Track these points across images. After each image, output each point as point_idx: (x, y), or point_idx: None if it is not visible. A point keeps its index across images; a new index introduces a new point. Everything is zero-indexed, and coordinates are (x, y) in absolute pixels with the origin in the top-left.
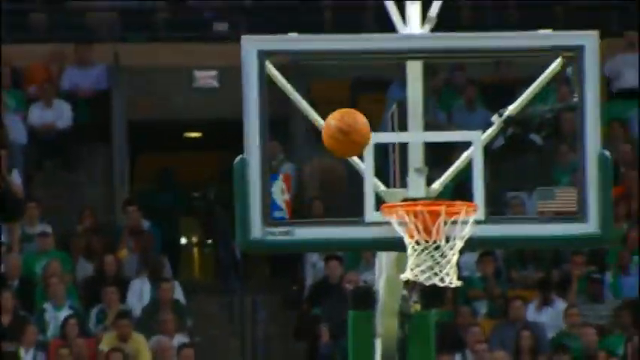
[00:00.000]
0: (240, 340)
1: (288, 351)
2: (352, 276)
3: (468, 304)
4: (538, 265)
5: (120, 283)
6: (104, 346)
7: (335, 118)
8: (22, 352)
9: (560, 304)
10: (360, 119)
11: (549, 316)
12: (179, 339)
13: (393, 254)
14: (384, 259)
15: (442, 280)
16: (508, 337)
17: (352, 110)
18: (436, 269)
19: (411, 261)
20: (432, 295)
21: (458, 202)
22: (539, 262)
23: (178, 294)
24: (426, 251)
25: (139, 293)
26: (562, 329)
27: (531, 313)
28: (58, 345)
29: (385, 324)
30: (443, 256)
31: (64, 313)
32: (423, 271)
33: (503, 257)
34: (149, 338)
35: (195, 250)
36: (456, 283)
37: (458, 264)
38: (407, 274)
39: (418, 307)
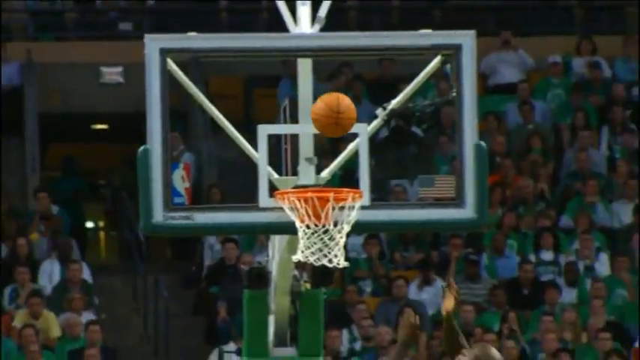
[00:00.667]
0: (143, 317)
1: (188, 326)
2: (247, 257)
3: (354, 284)
4: (419, 247)
5: (31, 264)
6: (17, 323)
7: (312, 110)
8: None
9: (440, 284)
10: (332, 105)
11: (429, 295)
12: (87, 316)
13: (285, 237)
14: (276, 242)
15: (330, 261)
16: (391, 314)
17: (325, 98)
18: (325, 251)
19: (301, 244)
20: (321, 275)
21: (345, 189)
22: (420, 244)
23: (86, 274)
24: (316, 234)
25: (49, 274)
26: (441, 307)
27: (413, 292)
28: None
29: (278, 302)
30: (331, 239)
31: None
32: (312, 253)
33: (387, 240)
34: (59, 315)
35: (102, 233)
36: (343, 263)
37: (345, 246)
38: (298, 256)
39: (308, 286)
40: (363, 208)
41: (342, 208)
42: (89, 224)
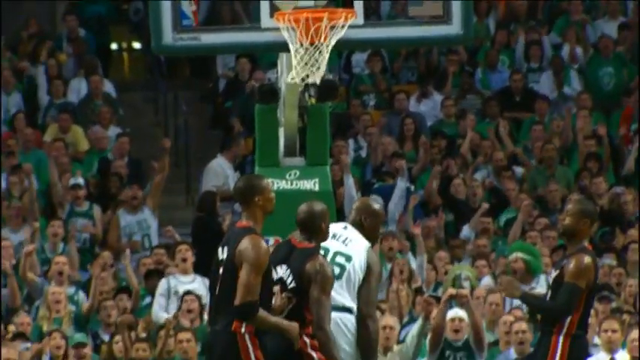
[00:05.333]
0: (164, 130)
1: (205, 139)
2: (259, 74)
3: (358, 98)
4: (418, 62)
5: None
6: (47, 137)
7: None
8: None
9: (437, 97)
10: None
11: (427, 107)
12: (113, 130)
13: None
14: (284, 60)
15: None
16: (394, 125)
17: None
18: (315, 67)
19: (295, 60)
20: (326, 89)
21: (339, 9)
22: (419, 59)
23: (109, 88)
24: (309, 51)
25: (77, 90)
26: (439, 118)
27: (413, 105)
28: (8, 137)
29: (287, 115)
30: (321, 54)
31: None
32: (303, 69)
33: (388, 56)
34: (87, 129)
35: (125, 54)
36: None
37: (350, 62)
38: (292, 73)
39: (314, 100)
40: (356, 27)
41: (335, 27)
42: (114, 46)
